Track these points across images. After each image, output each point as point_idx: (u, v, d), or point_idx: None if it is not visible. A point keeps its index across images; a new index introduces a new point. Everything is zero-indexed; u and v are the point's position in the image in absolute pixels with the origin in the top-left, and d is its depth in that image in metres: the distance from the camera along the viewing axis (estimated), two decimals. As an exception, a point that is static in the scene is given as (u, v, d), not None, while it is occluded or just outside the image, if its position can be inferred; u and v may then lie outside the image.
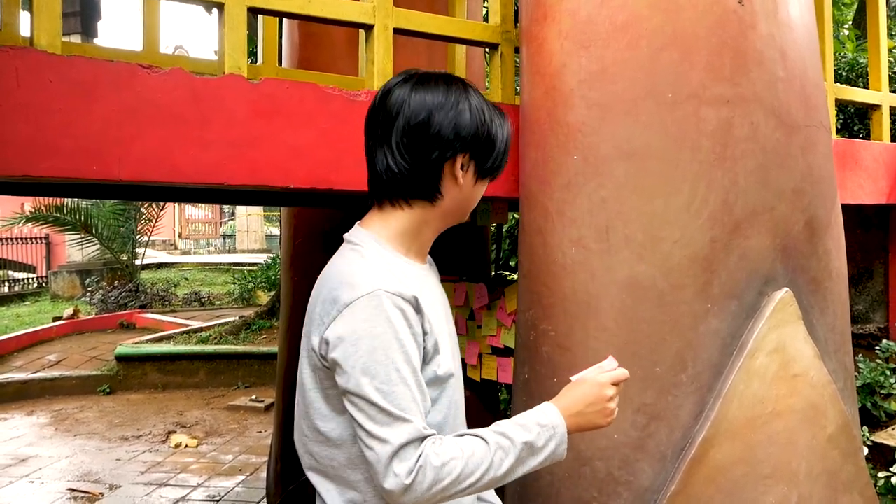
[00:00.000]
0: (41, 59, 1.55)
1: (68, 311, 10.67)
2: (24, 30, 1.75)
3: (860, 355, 3.32)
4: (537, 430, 1.29)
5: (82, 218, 11.80)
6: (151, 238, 14.04)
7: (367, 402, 1.21)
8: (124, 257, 12.89)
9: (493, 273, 5.20)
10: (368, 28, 2.04)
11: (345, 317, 1.24)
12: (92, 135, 1.59)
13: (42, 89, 1.54)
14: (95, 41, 12.10)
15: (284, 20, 3.90)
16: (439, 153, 1.34)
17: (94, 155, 1.59)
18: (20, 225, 12.60)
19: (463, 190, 1.40)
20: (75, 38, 11.08)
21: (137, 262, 13.39)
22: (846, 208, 2.73)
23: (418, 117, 1.33)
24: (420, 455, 1.19)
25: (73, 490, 4.94)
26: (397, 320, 1.24)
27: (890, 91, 3.34)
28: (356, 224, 1.43)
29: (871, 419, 3.11)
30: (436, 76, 1.39)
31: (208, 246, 24.22)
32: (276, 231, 22.52)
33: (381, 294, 1.24)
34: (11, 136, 1.51)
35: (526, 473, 1.29)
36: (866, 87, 3.42)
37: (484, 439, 1.25)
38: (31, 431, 6.46)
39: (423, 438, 1.21)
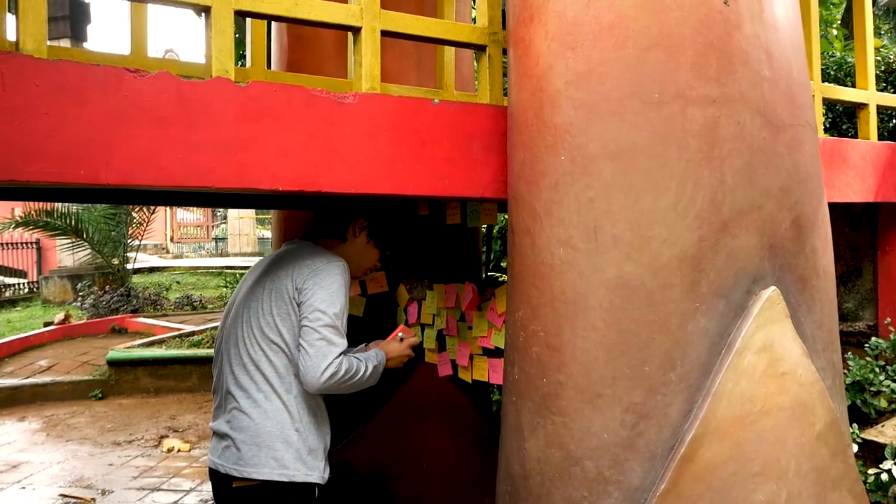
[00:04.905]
0: (27, 63, 1.54)
1: (59, 316, 10.62)
2: (11, 34, 1.75)
3: (850, 353, 3.34)
4: (375, 360, 2.32)
5: (73, 222, 11.74)
6: (143, 242, 13.97)
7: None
8: (116, 261, 12.83)
9: (484, 275, 5.20)
10: (356, 30, 2.04)
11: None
12: (78, 139, 1.59)
13: (28, 93, 1.54)
14: (85, 45, 12.06)
15: (273, 23, 3.90)
16: None
17: (81, 159, 1.59)
18: (10, 230, 12.54)
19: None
20: (64, 42, 11.05)
21: (129, 266, 13.33)
22: (835, 207, 2.75)
23: None
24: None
25: (65, 496, 4.92)
26: None
27: (877, 90, 3.36)
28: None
29: (861, 416, 3.12)
30: None
31: (200, 249, 24.16)
32: (268, 234, 22.47)
33: None
34: (-3, 140, 1.50)
35: (370, 379, 2.28)
36: (854, 85, 3.44)
37: (358, 359, 2.25)
38: (22, 437, 6.43)
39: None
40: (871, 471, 2.78)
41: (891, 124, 4.40)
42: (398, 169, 1.99)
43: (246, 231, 22.84)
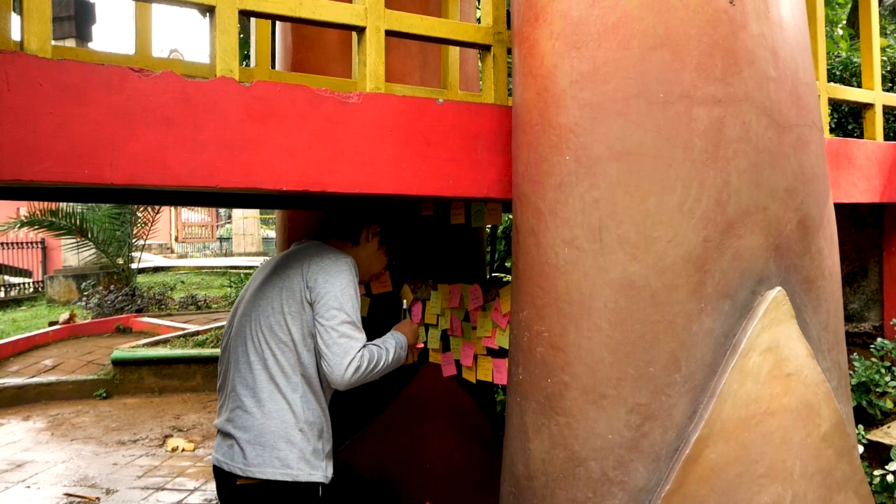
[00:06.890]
0: (32, 63, 1.55)
1: (64, 316, 10.63)
2: (15, 34, 1.75)
3: (855, 354, 3.33)
4: (393, 341, 2.38)
5: (78, 222, 11.77)
6: (147, 242, 13.99)
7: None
8: (120, 261, 12.86)
9: (488, 275, 5.20)
10: (360, 30, 2.04)
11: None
12: (83, 139, 1.59)
13: (32, 93, 1.54)
14: (90, 45, 12.09)
15: (277, 23, 3.90)
16: None
17: (86, 159, 1.59)
18: (15, 230, 12.56)
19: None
20: (69, 42, 11.08)
21: (133, 265, 13.35)
22: (841, 207, 2.73)
23: None
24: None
25: (70, 495, 4.93)
26: None
27: (883, 90, 3.35)
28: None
29: (867, 417, 3.11)
30: None
31: (205, 249, 24.20)
32: (272, 234, 22.49)
33: None
34: (2, 140, 1.50)
35: (395, 361, 2.33)
36: (860, 86, 3.43)
37: (378, 347, 2.28)
38: (27, 436, 6.44)
39: None
40: (876, 472, 2.77)
41: (897, 124, 4.38)
42: (403, 169, 1.99)
43: (250, 231, 22.88)
